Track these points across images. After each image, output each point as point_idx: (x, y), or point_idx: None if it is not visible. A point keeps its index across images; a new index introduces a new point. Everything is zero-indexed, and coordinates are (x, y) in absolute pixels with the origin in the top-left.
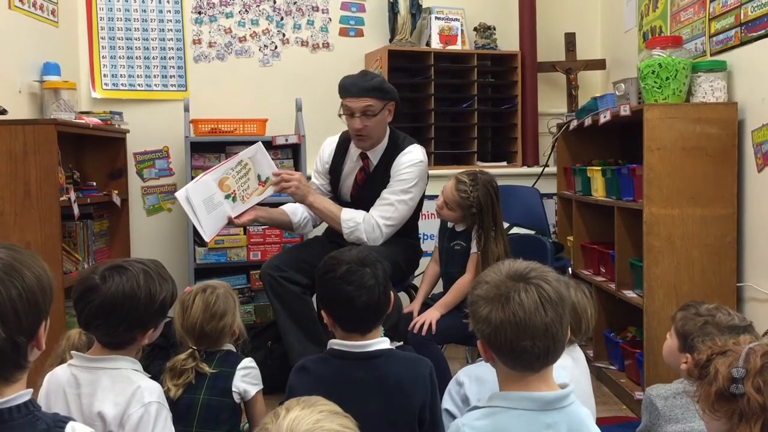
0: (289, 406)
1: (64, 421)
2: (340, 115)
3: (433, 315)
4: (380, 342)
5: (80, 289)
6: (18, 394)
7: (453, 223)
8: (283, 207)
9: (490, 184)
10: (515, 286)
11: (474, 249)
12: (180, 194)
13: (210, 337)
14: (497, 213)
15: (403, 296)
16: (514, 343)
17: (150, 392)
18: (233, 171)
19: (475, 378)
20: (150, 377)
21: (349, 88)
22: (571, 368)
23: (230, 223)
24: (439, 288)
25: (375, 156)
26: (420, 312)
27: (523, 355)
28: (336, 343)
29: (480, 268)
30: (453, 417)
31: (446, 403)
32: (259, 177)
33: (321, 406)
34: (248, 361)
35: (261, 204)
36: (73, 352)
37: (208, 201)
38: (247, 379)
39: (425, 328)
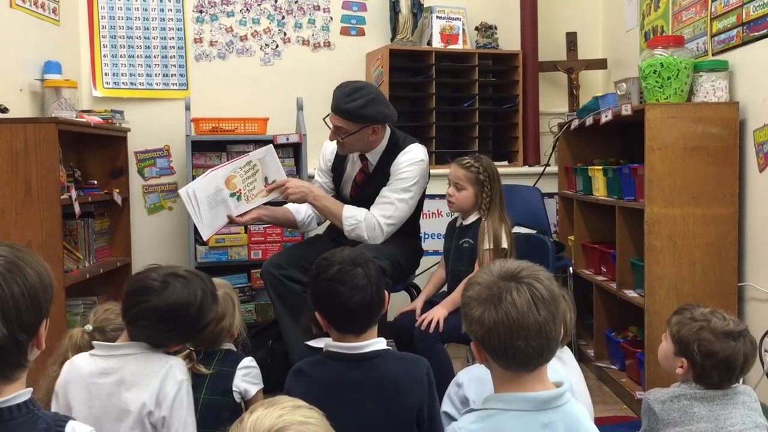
0: (252, 409)
1: (64, 420)
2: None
3: (440, 312)
4: (376, 342)
5: (138, 286)
6: (18, 393)
7: (465, 211)
8: (287, 205)
9: (489, 160)
10: (507, 286)
11: (486, 246)
12: (183, 190)
13: (207, 339)
14: (501, 189)
15: (404, 295)
16: (508, 343)
17: (180, 369)
18: (241, 170)
19: (475, 378)
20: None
21: (333, 102)
22: (561, 369)
23: (232, 221)
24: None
25: (373, 157)
26: (423, 311)
27: (517, 355)
28: (331, 345)
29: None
30: (453, 419)
31: (445, 405)
32: (266, 179)
33: (284, 402)
34: (249, 361)
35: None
36: (94, 342)
37: (212, 196)
38: (247, 378)
39: (432, 325)
